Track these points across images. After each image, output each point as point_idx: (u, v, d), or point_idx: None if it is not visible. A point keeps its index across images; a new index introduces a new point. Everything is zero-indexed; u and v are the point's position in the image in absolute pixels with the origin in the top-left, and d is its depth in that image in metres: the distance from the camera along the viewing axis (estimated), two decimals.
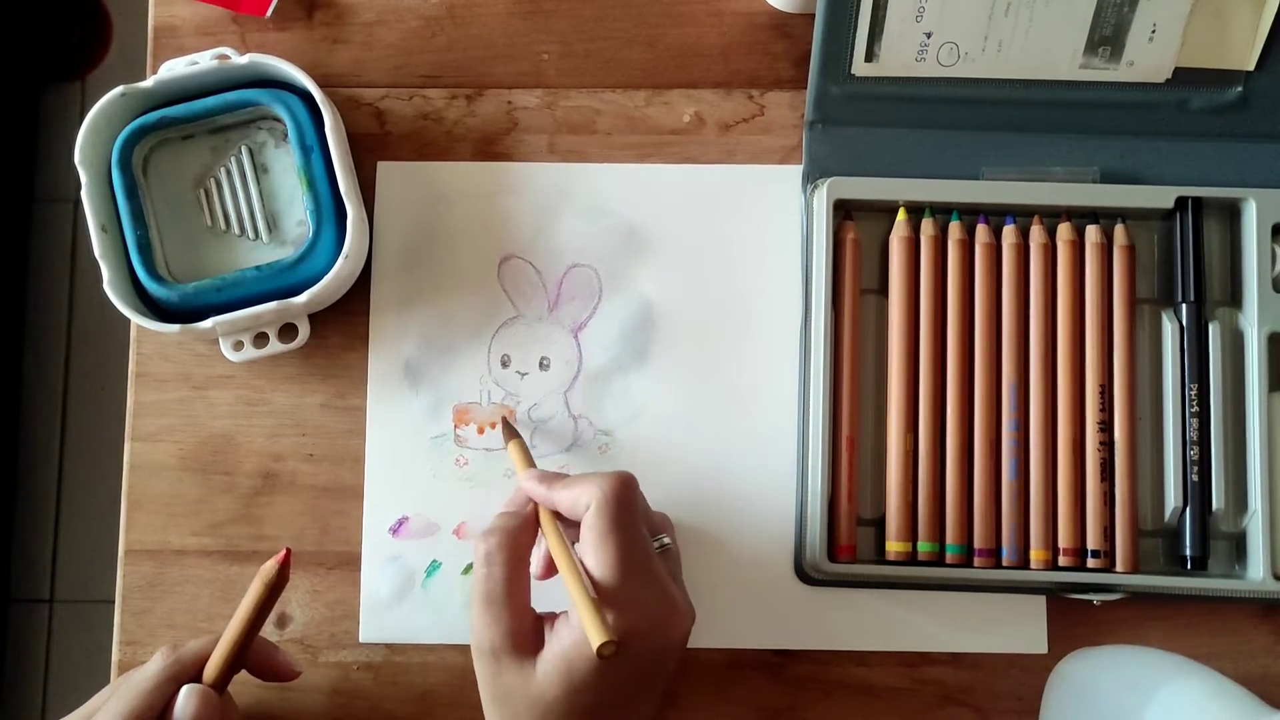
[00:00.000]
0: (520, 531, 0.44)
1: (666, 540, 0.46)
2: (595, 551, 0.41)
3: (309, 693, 0.53)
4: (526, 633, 0.42)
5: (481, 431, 0.54)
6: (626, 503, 0.42)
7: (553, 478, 0.45)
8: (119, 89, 0.52)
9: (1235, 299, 0.52)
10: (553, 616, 0.43)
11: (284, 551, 0.46)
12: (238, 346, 0.52)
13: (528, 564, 0.44)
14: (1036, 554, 0.50)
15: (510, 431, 0.51)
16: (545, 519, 0.45)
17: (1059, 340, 0.52)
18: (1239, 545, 0.51)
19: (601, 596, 0.41)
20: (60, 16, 1.33)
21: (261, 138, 0.54)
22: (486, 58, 0.56)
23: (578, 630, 0.41)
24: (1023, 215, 0.53)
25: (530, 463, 0.49)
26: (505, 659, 0.42)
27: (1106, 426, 0.51)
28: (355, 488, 0.54)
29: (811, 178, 0.54)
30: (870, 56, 0.51)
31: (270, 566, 0.46)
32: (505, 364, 0.54)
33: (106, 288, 0.51)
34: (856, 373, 0.52)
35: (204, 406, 0.54)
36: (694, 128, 0.56)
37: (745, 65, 0.56)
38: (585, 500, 0.42)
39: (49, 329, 1.30)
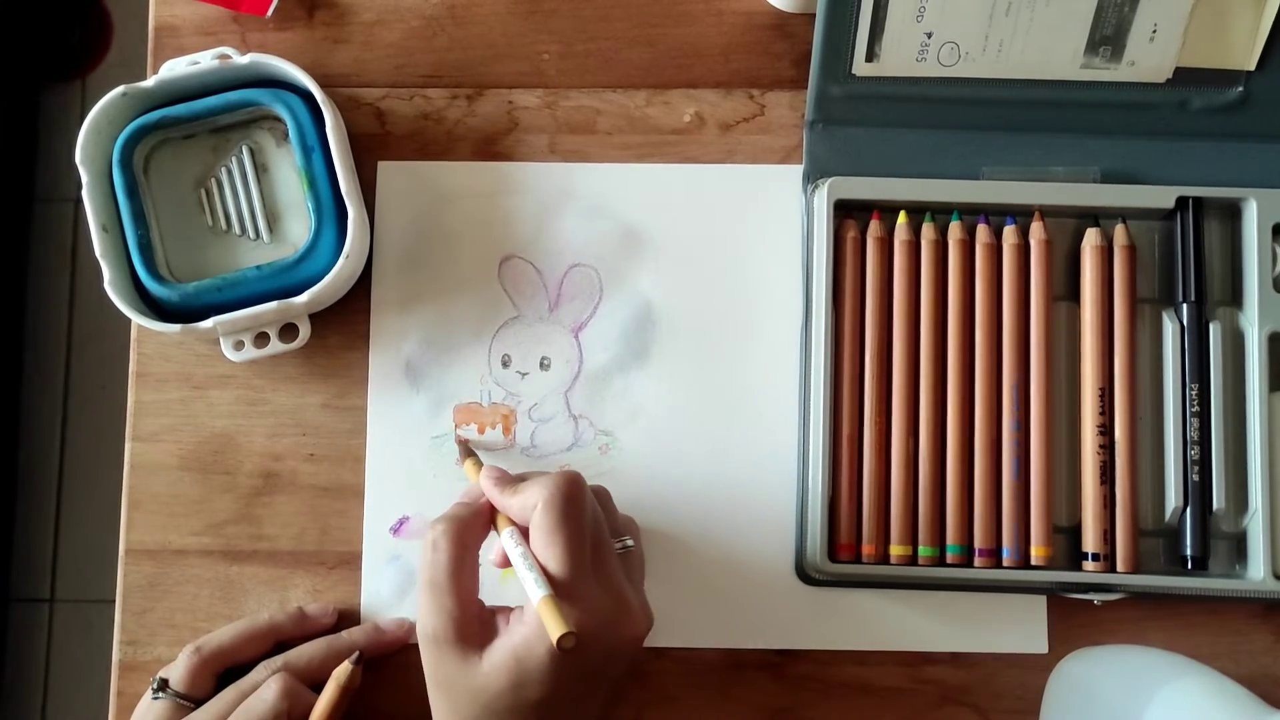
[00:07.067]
0: (470, 520, 0.44)
1: (629, 542, 0.46)
2: (543, 548, 0.41)
3: None
4: (470, 622, 0.42)
5: (482, 431, 0.54)
6: (572, 498, 0.42)
7: (507, 481, 0.45)
8: (120, 89, 0.52)
9: (1236, 299, 0.52)
10: (506, 610, 0.43)
11: (357, 654, 0.48)
12: (238, 346, 0.52)
13: (475, 553, 0.44)
14: (1037, 549, 0.50)
15: (466, 451, 0.52)
16: (501, 517, 0.45)
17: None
18: (1239, 545, 0.51)
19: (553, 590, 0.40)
20: (60, 16, 1.33)
21: (262, 137, 0.54)
22: (487, 57, 0.56)
23: (531, 626, 0.40)
24: (1023, 215, 0.53)
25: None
26: (446, 647, 0.42)
27: (1107, 428, 0.51)
28: (356, 487, 0.54)
29: (811, 178, 0.54)
30: (871, 56, 0.51)
31: (345, 669, 0.48)
32: (506, 364, 0.54)
33: (107, 287, 0.51)
34: (856, 373, 0.52)
35: (204, 406, 0.54)
36: (694, 127, 0.56)
37: (745, 65, 0.56)
38: (532, 501, 0.42)
39: (49, 329, 1.30)
